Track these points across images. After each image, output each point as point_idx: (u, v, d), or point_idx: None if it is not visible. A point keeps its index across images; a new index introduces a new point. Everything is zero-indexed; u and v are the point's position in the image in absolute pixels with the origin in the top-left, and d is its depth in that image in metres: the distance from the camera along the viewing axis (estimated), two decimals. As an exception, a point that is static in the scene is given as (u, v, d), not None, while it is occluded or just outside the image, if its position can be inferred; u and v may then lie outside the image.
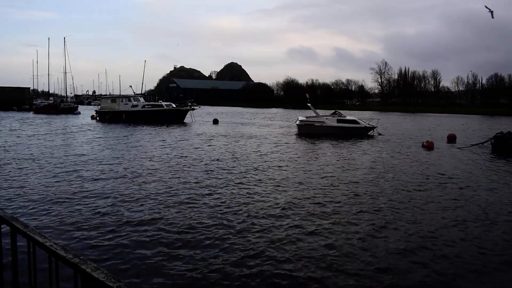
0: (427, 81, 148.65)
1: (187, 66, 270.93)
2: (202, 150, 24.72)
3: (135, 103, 53.75)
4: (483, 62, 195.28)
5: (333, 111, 41.46)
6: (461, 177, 17.61)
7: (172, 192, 13.63)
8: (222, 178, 16.07)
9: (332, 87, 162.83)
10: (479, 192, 14.56)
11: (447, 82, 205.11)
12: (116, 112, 53.87)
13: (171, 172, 17.34)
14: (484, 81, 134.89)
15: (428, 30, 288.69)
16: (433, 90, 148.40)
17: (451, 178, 17.14)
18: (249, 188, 14.43)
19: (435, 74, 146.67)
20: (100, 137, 32.32)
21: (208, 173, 17.10)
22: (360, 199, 13.18)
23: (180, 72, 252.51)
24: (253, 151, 24.71)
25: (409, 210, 11.95)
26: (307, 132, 36.99)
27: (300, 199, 13.07)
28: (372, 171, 18.85)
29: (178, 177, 16.14)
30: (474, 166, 20.86)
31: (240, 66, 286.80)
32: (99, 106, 59.60)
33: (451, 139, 34.26)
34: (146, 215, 10.88)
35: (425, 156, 24.49)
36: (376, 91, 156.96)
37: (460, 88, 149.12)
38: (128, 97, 55.46)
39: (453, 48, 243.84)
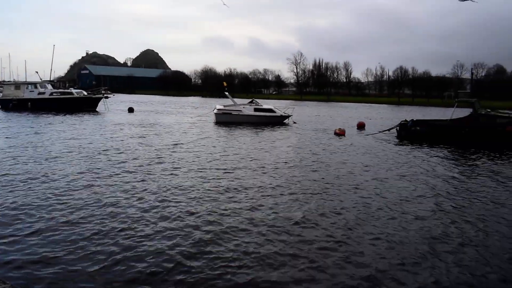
0: (339, 72, 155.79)
1: (100, 52, 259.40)
2: (114, 140, 23.80)
3: (42, 90, 50.39)
4: (390, 54, 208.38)
5: (250, 100, 41.90)
6: (368, 160, 18.75)
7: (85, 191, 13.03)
8: (134, 171, 15.62)
9: (250, 76, 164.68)
10: (384, 173, 15.60)
11: (358, 73, 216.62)
12: (20, 100, 50.13)
13: (78, 164, 16.54)
14: (390, 73, 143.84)
15: (339, 22, 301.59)
16: (345, 80, 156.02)
17: (360, 161, 18.20)
18: (166, 179, 14.20)
19: (346, 66, 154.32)
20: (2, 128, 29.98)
21: (120, 164, 16.53)
22: (274, 183, 13.50)
23: (93, 59, 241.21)
24: (170, 140, 24.27)
25: (321, 191, 12.48)
26: (224, 120, 37.08)
27: (215, 186, 13.11)
28: (287, 157, 19.37)
29: (86, 171, 15.45)
30: (380, 150, 22.23)
31: (157, 53, 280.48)
32: (1, 94, 55.07)
33: (361, 126, 36.24)
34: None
35: (337, 142, 25.63)
36: (292, 81, 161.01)
37: (370, 79, 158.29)
38: (34, 84, 51.82)
39: (363, 40, 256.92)
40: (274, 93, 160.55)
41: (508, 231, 9.58)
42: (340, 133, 29.94)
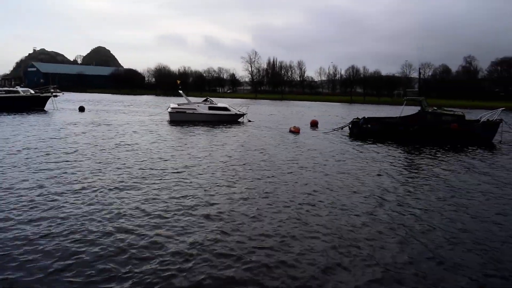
0: (293, 71, 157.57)
1: (48, 49, 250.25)
2: (63, 141, 23.03)
3: (-15, 89, 47.96)
4: (342, 54, 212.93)
5: (204, 98, 41.67)
6: (322, 156, 19.10)
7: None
8: (83, 171, 15.21)
9: (204, 74, 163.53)
10: (336, 169, 15.94)
11: (311, 72, 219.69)
12: (-40, 99, 47.52)
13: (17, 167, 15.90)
14: (343, 72, 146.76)
15: (294, 22, 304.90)
16: (299, 79, 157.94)
17: (313, 158, 18.51)
18: (117, 179, 13.90)
19: (300, 65, 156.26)
20: None
21: (72, 165, 16.02)
22: (227, 181, 13.51)
23: (41, 56, 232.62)
24: (122, 140, 23.74)
25: (273, 188, 12.61)
26: (179, 119, 36.71)
27: (171, 184, 12.96)
28: (240, 155, 19.40)
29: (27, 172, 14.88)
30: (333, 147, 22.68)
31: (109, 50, 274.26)
32: None
33: (314, 124, 36.82)
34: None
35: (292, 140, 25.92)
36: (247, 79, 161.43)
37: (323, 78, 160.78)
38: (-25, 82, 49.27)
39: (317, 40, 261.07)
40: (229, 91, 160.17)
41: (449, 222, 10.02)
42: (295, 131, 30.30)
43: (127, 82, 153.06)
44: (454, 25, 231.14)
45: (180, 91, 40.44)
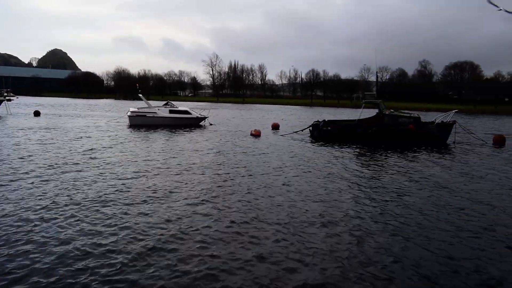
0: (254, 74, 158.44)
1: (1, 51, 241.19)
2: (16, 147, 22.22)
3: None
4: (303, 57, 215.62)
5: (165, 102, 41.20)
6: (282, 159, 19.25)
7: None
8: (37, 177, 14.73)
9: (165, 78, 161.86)
10: (295, 171, 16.11)
11: (272, 75, 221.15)
12: None
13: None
14: (303, 76, 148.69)
15: (253, 25, 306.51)
16: (260, 82, 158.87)
17: (274, 160, 18.66)
18: (75, 185, 13.53)
19: (261, 68, 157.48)
20: None
21: (23, 170, 15.48)
22: (186, 185, 13.41)
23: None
24: (80, 145, 23.11)
25: (234, 190, 12.61)
26: (139, 123, 36.14)
27: (129, 187, 12.74)
28: (201, 158, 19.30)
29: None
30: (294, 149, 22.90)
31: (65, 53, 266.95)
32: None
33: (275, 127, 37.05)
34: None
35: (253, 143, 26.00)
36: (208, 82, 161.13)
37: (284, 81, 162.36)
38: None
39: (276, 43, 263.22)
40: (190, 95, 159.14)
41: (405, 219, 10.31)
42: (256, 134, 30.41)
43: (85, 86, 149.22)
44: (409, 29, 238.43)
45: (140, 95, 39.79)
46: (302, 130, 32.57)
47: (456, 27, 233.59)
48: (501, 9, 13.77)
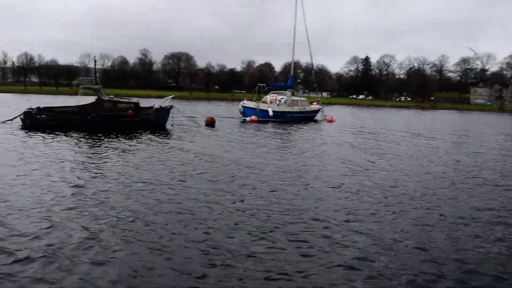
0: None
1: None
2: None
3: None
4: (12, 39, 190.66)
5: None
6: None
7: None
8: None
9: None
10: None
11: None
12: None
13: None
14: (15, 59, 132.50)
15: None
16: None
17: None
18: None
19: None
20: None
21: None
22: None
23: None
24: None
25: None
26: None
27: None
28: None
29: None
30: (4, 141, 20.30)
31: None
32: None
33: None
34: None
35: None
36: None
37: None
38: None
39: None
40: None
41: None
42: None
43: None
44: (130, 17, 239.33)
45: None
46: (11, 120, 28.85)
47: (174, 19, 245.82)
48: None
